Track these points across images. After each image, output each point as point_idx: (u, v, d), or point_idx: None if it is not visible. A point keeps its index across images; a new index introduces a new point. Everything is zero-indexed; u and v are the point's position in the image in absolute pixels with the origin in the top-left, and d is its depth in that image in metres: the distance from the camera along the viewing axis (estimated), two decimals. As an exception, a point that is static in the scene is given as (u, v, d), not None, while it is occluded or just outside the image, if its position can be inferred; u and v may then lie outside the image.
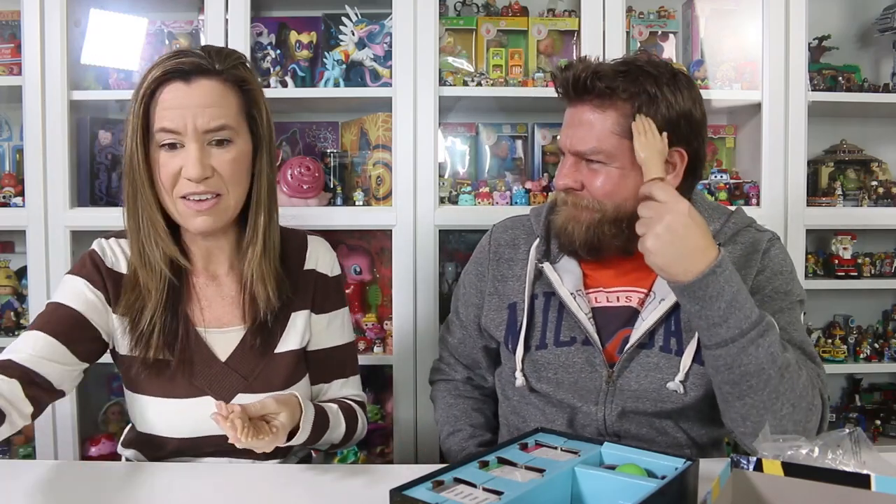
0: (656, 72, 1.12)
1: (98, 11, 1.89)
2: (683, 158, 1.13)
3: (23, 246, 1.87)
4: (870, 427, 2.07)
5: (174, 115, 1.04)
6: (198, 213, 1.07)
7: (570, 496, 0.84)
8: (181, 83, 1.06)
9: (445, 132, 2.04)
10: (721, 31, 2.00)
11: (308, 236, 1.26)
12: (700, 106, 1.15)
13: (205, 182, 1.06)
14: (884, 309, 2.16)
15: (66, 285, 1.13)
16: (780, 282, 1.16)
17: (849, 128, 2.13)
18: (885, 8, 2.01)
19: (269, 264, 1.15)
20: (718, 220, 1.20)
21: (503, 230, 1.35)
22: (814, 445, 0.83)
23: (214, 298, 1.17)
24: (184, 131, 1.04)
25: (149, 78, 1.05)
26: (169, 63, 1.05)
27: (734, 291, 1.01)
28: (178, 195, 1.07)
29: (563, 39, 2.00)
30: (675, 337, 1.15)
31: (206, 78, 1.07)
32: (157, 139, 1.06)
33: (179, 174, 1.06)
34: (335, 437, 1.17)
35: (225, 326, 1.16)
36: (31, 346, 1.04)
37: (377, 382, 2.02)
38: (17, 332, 1.92)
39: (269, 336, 1.16)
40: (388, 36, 1.88)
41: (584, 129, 1.13)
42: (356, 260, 2.03)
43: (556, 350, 1.20)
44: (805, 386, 1.05)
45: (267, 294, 1.14)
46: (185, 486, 1.00)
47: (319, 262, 1.24)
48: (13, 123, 2.05)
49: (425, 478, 0.80)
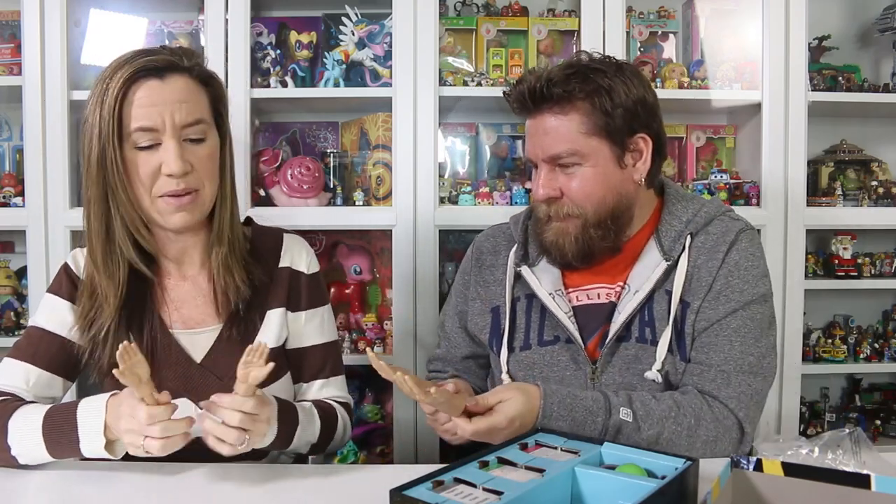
0: (603, 66, 1.16)
1: (98, 11, 1.89)
2: (648, 143, 1.18)
3: (23, 246, 1.87)
4: (870, 427, 2.07)
5: (151, 113, 1.03)
6: (177, 210, 1.07)
7: (570, 496, 0.84)
8: (155, 80, 1.04)
9: (445, 132, 2.04)
10: (721, 31, 2.00)
11: (284, 234, 1.25)
12: (650, 90, 1.20)
13: (184, 178, 1.05)
14: (884, 309, 2.16)
15: (48, 307, 1.15)
16: (735, 279, 1.17)
17: (849, 128, 2.13)
18: (885, 8, 2.01)
19: (236, 255, 1.14)
20: (691, 209, 1.22)
21: (485, 238, 1.38)
22: (814, 445, 0.84)
23: (186, 299, 1.16)
24: (161, 128, 1.03)
25: (119, 77, 1.03)
26: (139, 61, 1.04)
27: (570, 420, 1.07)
28: (157, 194, 1.06)
29: (563, 39, 2.00)
30: (648, 327, 1.17)
31: (178, 74, 1.06)
32: (132, 140, 1.04)
33: (158, 172, 1.05)
34: (310, 436, 1.12)
35: (198, 327, 1.15)
36: (26, 381, 1.10)
37: (377, 382, 2.01)
38: (17, 332, 1.92)
39: (245, 334, 1.15)
40: (388, 36, 1.88)
41: (552, 135, 1.16)
42: (356, 260, 2.03)
43: (541, 350, 1.23)
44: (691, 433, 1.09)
45: (236, 284, 1.13)
46: (183, 487, 1.00)
47: (294, 260, 1.23)
48: (13, 123, 2.05)
49: (425, 478, 0.80)
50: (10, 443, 1.01)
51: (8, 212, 1.87)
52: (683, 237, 1.19)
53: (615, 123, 1.14)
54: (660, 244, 1.20)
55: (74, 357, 1.12)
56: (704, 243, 1.19)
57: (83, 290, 1.12)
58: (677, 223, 1.21)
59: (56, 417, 1.00)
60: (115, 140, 1.02)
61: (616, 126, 1.14)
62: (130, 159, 1.04)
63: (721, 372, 1.13)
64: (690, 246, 1.19)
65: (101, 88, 1.04)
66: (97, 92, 1.04)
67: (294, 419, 1.08)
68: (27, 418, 1.01)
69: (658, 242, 1.20)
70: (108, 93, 1.03)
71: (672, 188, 1.27)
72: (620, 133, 1.15)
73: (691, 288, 1.17)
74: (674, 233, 1.20)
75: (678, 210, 1.22)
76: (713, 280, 1.16)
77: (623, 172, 1.17)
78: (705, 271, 1.17)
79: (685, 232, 1.19)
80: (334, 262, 2.04)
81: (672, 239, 1.20)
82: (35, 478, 1.03)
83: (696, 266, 1.18)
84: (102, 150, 1.03)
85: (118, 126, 1.03)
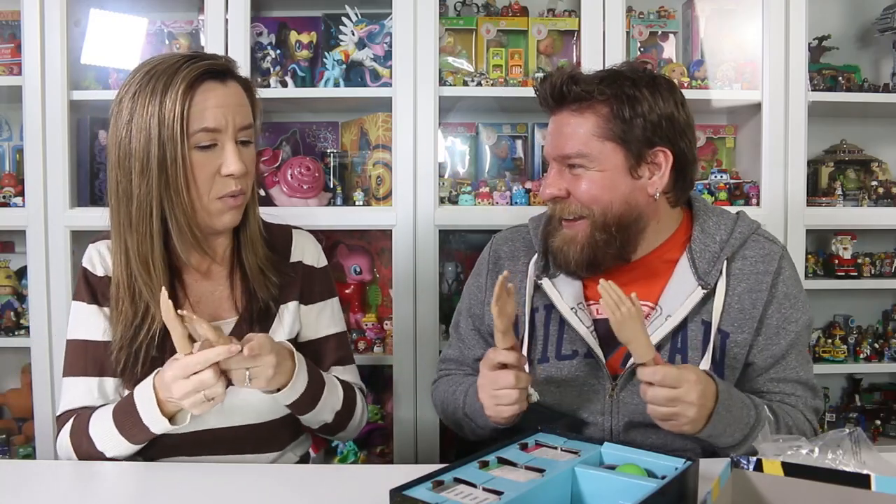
0: (635, 76, 1.15)
1: (98, 11, 1.89)
2: (668, 158, 1.14)
3: (23, 246, 1.87)
4: (870, 427, 2.07)
5: (217, 114, 1.06)
6: (230, 209, 1.10)
7: (570, 496, 0.84)
8: (217, 83, 1.07)
9: (445, 132, 2.04)
10: (721, 31, 1.99)
11: (293, 230, 1.28)
12: (684, 109, 1.18)
13: (241, 179, 1.09)
14: (884, 309, 2.15)
15: (80, 315, 1.17)
16: (788, 310, 1.18)
17: (849, 128, 2.13)
18: (885, 8, 2.01)
19: (262, 250, 1.18)
20: (723, 227, 1.20)
21: (503, 242, 1.35)
22: (814, 445, 0.83)
23: (205, 294, 1.18)
24: (224, 129, 1.06)
25: (182, 77, 1.04)
26: (202, 63, 1.06)
27: (731, 418, 1.05)
28: (216, 195, 1.08)
29: (563, 39, 2.00)
30: (680, 354, 1.15)
31: (234, 80, 1.11)
32: (194, 140, 1.05)
33: (216, 173, 1.07)
34: (334, 403, 1.16)
35: (216, 321, 1.15)
36: (90, 394, 1.13)
37: (377, 382, 2.02)
38: (16, 333, 1.92)
39: (261, 328, 1.16)
40: (388, 36, 1.88)
41: (566, 134, 1.15)
42: (356, 260, 2.03)
43: (559, 363, 1.20)
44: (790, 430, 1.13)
45: (267, 283, 1.17)
46: (184, 486, 1.00)
47: (305, 255, 1.25)
48: (13, 123, 2.05)
49: (425, 478, 0.81)
50: (101, 449, 1.06)
51: (8, 212, 1.86)
52: (720, 262, 1.17)
53: (633, 133, 1.12)
54: (693, 266, 1.17)
55: None
56: (742, 269, 1.18)
57: (122, 297, 1.11)
58: (712, 244, 1.18)
59: (121, 413, 1.05)
60: (182, 139, 1.04)
61: (634, 135, 1.12)
62: (192, 159, 1.06)
63: (798, 397, 1.18)
64: (728, 273, 1.17)
65: (155, 87, 1.04)
66: (148, 90, 1.04)
67: (321, 380, 1.13)
68: (102, 421, 1.07)
69: (692, 264, 1.17)
70: (170, 92, 1.03)
71: (699, 202, 1.25)
72: (638, 143, 1.13)
73: (731, 317, 1.16)
74: (709, 255, 1.17)
75: (710, 227, 1.20)
76: (763, 314, 1.16)
77: (634, 182, 1.14)
78: (748, 302, 1.16)
79: (721, 256, 1.17)
80: (334, 262, 2.04)
81: (707, 262, 1.17)
82: (35, 478, 1.03)
83: (735, 294, 1.16)
84: (163, 149, 1.03)
85: (185, 127, 1.04)
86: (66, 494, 1.00)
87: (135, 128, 1.05)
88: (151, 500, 0.97)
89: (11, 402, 2.01)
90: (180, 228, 1.08)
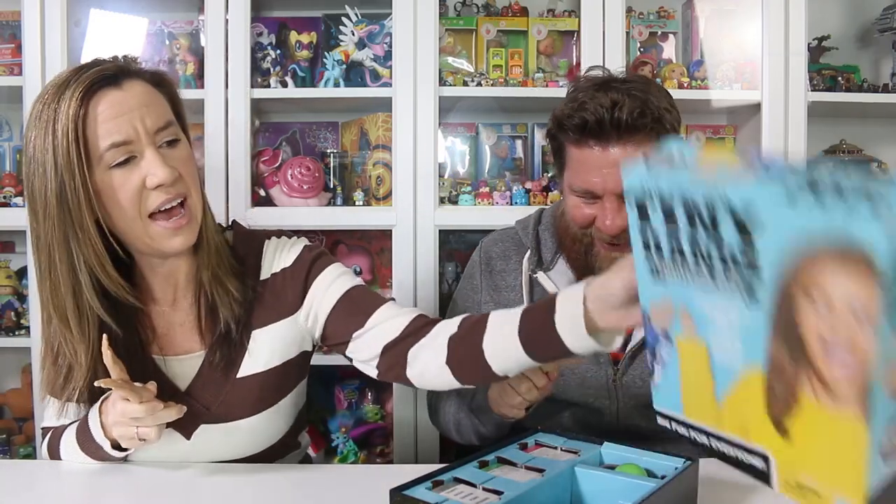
0: (666, 105, 1.14)
1: (98, 11, 1.89)
2: None
3: (23, 246, 1.87)
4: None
5: (120, 124, 0.92)
6: (175, 232, 0.97)
7: (570, 496, 0.85)
8: (113, 89, 0.93)
9: (445, 132, 2.04)
10: (721, 31, 1.99)
11: (266, 240, 1.12)
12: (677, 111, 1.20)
13: (174, 186, 0.96)
14: (883, 309, 2.15)
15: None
16: None
17: (848, 128, 2.13)
18: (885, 8, 2.01)
19: (224, 261, 1.05)
20: None
21: (493, 243, 1.36)
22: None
23: (171, 325, 1.07)
24: (136, 138, 0.93)
25: (69, 96, 0.91)
26: (88, 73, 0.93)
27: None
28: (148, 212, 0.95)
29: (563, 40, 2.00)
30: None
31: (133, 79, 0.96)
32: (105, 160, 0.92)
33: (142, 188, 0.94)
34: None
35: (183, 353, 1.07)
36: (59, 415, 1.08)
37: (377, 382, 2.00)
38: (17, 333, 1.92)
39: (230, 359, 1.06)
40: (388, 36, 1.88)
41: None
42: (356, 260, 2.03)
43: None
44: None
45: (230, 297, 1.03)
46: (183, 487, 1.00)
47: (276, 263, 1.10)
48: (13, 123, 2.05)
49: (425, 477, 0.81)
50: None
51: (8, 212, 1.86)
52: None
53: None
54: None
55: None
56: None
57: (44, 358, 1.02)
58: None
59: (80, 433, 1.04)
60: (80, 167, 0.91)
61: None
62: (105, 183, 0.93)
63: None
64: None
65: (48, 115, 0.92)
66: (42, 120, 0.92)
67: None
68: (68, 440, 1.06)
69: None
70: (59, 116, 0.90)
71: None
72: None
73: None
74: None
75: None
76: None
77: None
78: None
79: None
80: (334, 262, 2.04)
81: None
82: (35, 478, 1.03)
83: None
84: (61, 183, 0.91)
85: (82, 150, 0.91)
86: (66, 494, 1.00)
87: (35, 164, 0.93)
88: (151, 500, 0.97)
89: (11, 402, 2.01)
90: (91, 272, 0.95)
